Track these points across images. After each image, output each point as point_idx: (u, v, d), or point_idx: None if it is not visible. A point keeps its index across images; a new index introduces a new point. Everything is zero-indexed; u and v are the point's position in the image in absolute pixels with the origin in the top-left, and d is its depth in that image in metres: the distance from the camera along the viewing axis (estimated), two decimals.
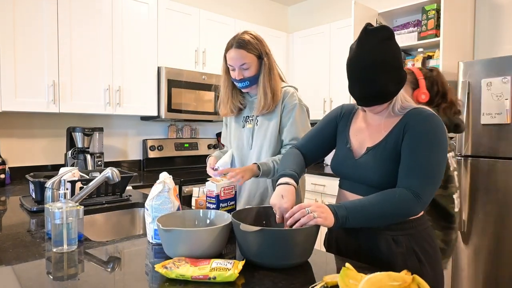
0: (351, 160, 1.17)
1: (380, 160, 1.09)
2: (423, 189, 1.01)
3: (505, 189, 2.16)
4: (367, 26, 1.06)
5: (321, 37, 3.63)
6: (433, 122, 1.05)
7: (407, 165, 1.03)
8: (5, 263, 1.01)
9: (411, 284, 0.78)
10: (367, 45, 1.04)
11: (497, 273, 2.18)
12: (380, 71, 1.03)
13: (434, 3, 2.81)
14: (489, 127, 2.22)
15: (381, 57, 1.03)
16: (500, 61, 2.18)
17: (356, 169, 1.14)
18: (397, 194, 1.02)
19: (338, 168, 1.22)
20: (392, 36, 1.05)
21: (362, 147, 1.16)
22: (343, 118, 1.27)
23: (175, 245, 0.99)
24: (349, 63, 1.08)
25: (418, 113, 1.07)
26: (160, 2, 2.92)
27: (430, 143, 1.02)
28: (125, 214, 1.76)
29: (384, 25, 1.06)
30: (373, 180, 1.09)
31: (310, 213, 0.98)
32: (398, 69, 1.06)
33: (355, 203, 1.03)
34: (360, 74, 1.05)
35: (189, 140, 3.47)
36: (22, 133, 2.65)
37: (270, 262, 0.97)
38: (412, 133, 1.05)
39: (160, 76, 2.91)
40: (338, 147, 1.25)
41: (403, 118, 1.09)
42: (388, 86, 1.05)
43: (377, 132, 1.14)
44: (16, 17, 2.27)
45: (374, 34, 1.04)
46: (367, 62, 1.03)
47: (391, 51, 1.04)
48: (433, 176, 1.02)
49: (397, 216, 1.03)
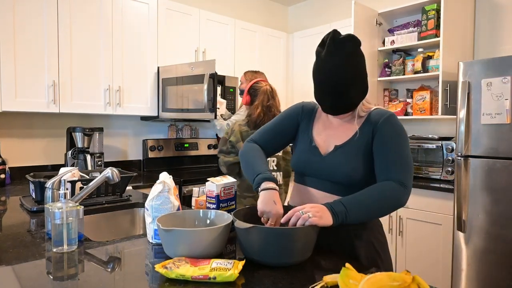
0: (317, 157, 1.21)
1: (349, 157, 1.15)
2: (407, 178, 1.10)
3: (505, 189, 2.16)
4: (335, 34, 1.10)
5: (321, 37, 3.62)
6: (396, 121, 1.15)
7: (386, 160, 1.12)
8: (5, 263, 1.01)
9: (411, 284, 0.78)
10: (336, 57, 1.09)
11: (497, 273, 2.18)
12: (350, 85, 1.11)
13: (434, 3, 2.81)
14: (489, 127, 2.22)
15: (351, 71, 1.10)
16: (500, 61, 2.18)
17: (323, 166, 1.19)
18: (388, 186, 1.08)
19: (302, 165, 1.25)
20: (359, 46, 1.12)
21: (328, 145, 1.21)
22: (305, 118, 1.31)
23: (175, 245, 0.99)
24: (317, 73, 1.14)
25: (381, 114, 1.16)
26: (160, 2, 2.92)
27: (400, 139, 1.13)
28: (125, 214, 1.76)
29: (351, 35, 1.10)
30: (341, 175, 1.15)
31: (304, 214, 0.98)
32: (364, 79, 1.15)
33: (351, 198, 1.06)
34: (329, 88, 1.12)
35: (189, 140, 3.47)
36: (22, 133, 2.65)
37: (267, 260, 0.98)
38: (383, 133, 1.14)
39: (160, 76, 2.91)
40: (300, 145, 1.29)
41: (369, 120, 1.18)
42: (356, 97, 1.14)
43: (343, 131, 1.21)
44: (16, 17, 2.27)
45: (343, 47, 1.09)
46: (336, 78, 1.10)
47: (359, 63, 1.12)
48: (410, 166, 1.12)
49: (392, 207, 1.09)
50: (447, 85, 2.67)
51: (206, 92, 2.76)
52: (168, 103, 2.91)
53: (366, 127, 1.17)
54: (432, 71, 2.88)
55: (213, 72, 2.79)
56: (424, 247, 2.56)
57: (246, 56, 3.54)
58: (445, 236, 2.46)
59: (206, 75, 2.76)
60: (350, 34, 1.10)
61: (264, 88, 2.10)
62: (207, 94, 2.76)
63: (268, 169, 1.22)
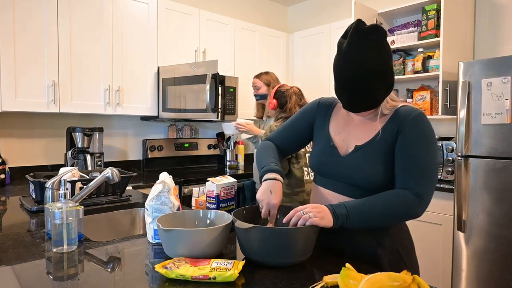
0: (335, 158, 1.14)
1: (370, 159, 1.07)
2: (425, 190, 1.01)
3: (505, 189, 2.16)
4: (358, 24, 1.00)
5: (321, 37, 3.63)
6: (424, 122, 1.05)
7: (406, 167, 1.03)
8: (5, 263, 1.01)
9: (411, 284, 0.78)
10: (357, 48, 0.99)
11: (497, 273, 2.18)
12: (370, 80, 1.00)
13: (434, 3, 2.81)
14: (489, 127, 2.22)
15: (372, 64, 0.99)
16: (500, 61, 2.18)
17: (341, 167, 1.12)
18: (400, 196, 1.01)
19: (320, 166, 1.18)
20: (384, 38, 1.01)
21: (348, 145, 1.14)
22: (321, 115, 1.24)
23: (175, 245, 0.99)
24: (337, 66, 1.04)
25: (408, 112, 1.06)
26: (160, 2, 2.92)
27: (425, 144, 1.03)
28: (125, 214, 1.76)
29: (376, 26, 1.00)
30: (360, 178, 1.08)
31: (305, 215, 0.98)
32: (388, 74, 1.03)
33: (355, 203, 1.03)
34: (348, 81, 1.02)
35: (189, 140, 3.47)
36: (22, 133, 2.65)
37: (267, 260, 0.98)
38: (407, 134, 1.04)
39: (160, 76, 2.91)
40: (318, 144, 1.22)
41: (394, 118, 1.07)
42: (377, 94, 1.03)
43: (364, 131, 1.12)
44: (16, 17, 2.27)
45: (366, 36, 0.99)
46: (357, 70, 0.99)
47: (383, 56, 1.00)
48: (432, 176, 1.03)
49: (400, 217, 1.03)
50: (447, 85, 2.67)
51: (208, 92, 2.76)
52: (169, 103, 2.91)
53: (390, 126, 1.07)
54: (432, 71, 2.88)
55: (215, 72, 2.79)
56: (424, 247, 2.56)
57: (246, 56, 3.54)
58: (445, 236, 2.46)
59: (208, 76, 2.77)
60: (375, 24, 1.00)
61: (292, 89, 2.16)
62: (209, 94, 2.76)
63: (276, 162, 1.19)
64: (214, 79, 2.79)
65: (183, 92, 2.90)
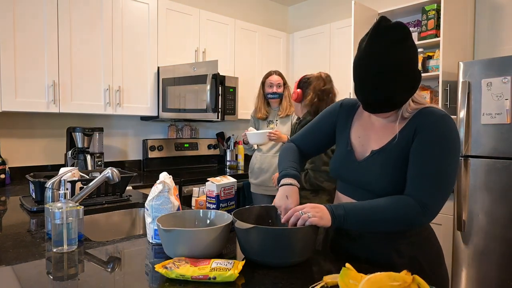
0: (352, 163, 1.10)
1: (385, 165, 1.02)
2: (432, 200, 0.95)
3: (505, 189, 2.16)
4: (381, 21, 0.94)
5: (321, 37, 3.63)
6: (446, 125, 0.96)
7: (417, 173, 0.97)
8: (5, 263, 1.01)
9: (411, 284, 0.78)
10: (377, 46, 0.93)
11: (497, 273, 2.18)
12: (391, 79, 0.93)
13: (434, 3, 2.81)
14: (489, 127, 2.22)
15: (393, 62, 0.92)
16: (500, 61, 2.18)
17: (357, 172, 1.08)
18: (402, 202, 0.96)
19: (338, 170, 1.15)
20: (407, 36, 0.94)
21: (365, 149, 1.09)
22: (343, 117, 1.19)
23: (175, 245, 0.99)
24: (357, 64, 0.98)
25: (430, 114, 0.98)
26: (160, 2, 2.92)
27: (442, 150, 0.95)
28: (125, 214, 1.76)
29: (399, 23, 0.94)
30: (375, 185, 1.03)
31: (304, 215, 0.98)
32: (411, 74, 0.95)
33: (356, 204, 1.02)
34: (367, 80, 0.96)
35: (189, 140, 3.47)
36: (22, 133, 2.65)
37: (267, 260, 0.98)
38: (424, 137, 0.97)
39: (160, 76, 2.91)
40: (339, 147, 1.18)
41: (413, 120, 1.00)
42: (397, 94, 0.95)
43: (383, 134, 1.06)
44: (16, 17, 2.27)
45: (387, 34, 0.93)
46: (376, 68, 0.94)
47: (405, 55, 0.93)
48: (444, 187, 0.95)
49: (400, 224, 0.98)
50: (447, 85, 2.67)
51: (209, 92, 2.76)
52: (169, 103, 2.92)
53: (408, 128, 1.00)
54: (432, 71, 2.87)
55: (215, 72, 2.79)
56: None
57: (246, 56, 3.54)
58: (445, 236, 2.46)
59: (209, 76, 2.77)
60: (398, 21, 0.94)
61: (317, 74, 1.90)
62: (209, 94, 2.76)
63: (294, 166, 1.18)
64: (215, 79, 2.79)
65: (183, 92, 2.90)
